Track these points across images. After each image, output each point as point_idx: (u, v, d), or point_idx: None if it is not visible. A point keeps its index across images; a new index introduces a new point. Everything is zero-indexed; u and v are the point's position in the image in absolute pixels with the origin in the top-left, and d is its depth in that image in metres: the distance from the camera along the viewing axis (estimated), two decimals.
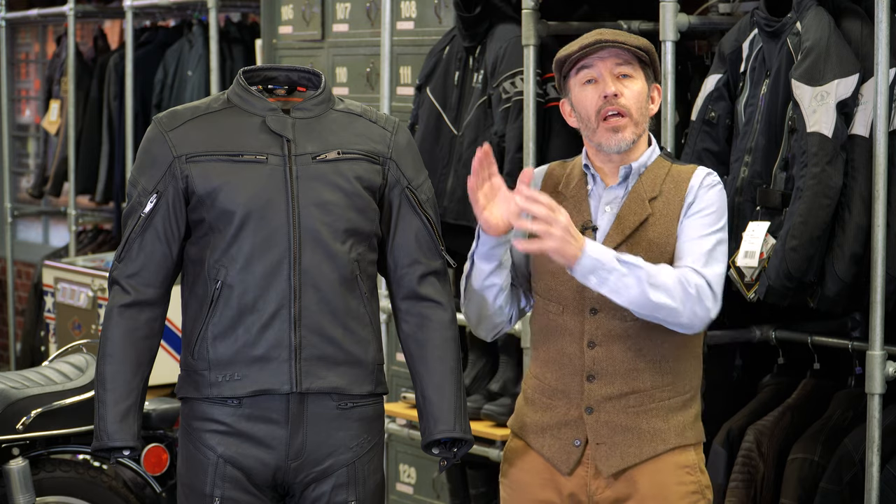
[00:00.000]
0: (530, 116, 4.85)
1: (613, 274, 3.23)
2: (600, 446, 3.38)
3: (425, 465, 5.81)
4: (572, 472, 3.40)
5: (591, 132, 3.39)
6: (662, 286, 3.25)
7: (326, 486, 3.44)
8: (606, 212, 3.41)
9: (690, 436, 3.41)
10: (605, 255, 3.23)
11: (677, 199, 3.37)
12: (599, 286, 3.25)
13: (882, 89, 3.91)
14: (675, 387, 3.39)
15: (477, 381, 5.36)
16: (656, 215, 3.36)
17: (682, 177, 3.41)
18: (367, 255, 3.44)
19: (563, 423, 3.41)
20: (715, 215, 3.36)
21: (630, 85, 3.37)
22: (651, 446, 3.37)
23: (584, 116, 3.40)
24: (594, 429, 3.38)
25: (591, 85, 3.38)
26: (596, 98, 3.36)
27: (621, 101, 3.35)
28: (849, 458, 4.11)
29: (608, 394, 3.37)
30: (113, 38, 8.80)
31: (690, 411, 3.42)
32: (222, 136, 3.40)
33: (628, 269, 3.24)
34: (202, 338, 3.39)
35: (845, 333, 4.41)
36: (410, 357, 3.51)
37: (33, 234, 10.20)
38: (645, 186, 3.39)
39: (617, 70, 3.37)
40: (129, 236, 3.41)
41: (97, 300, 6.62)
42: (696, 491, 3.41)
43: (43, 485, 4.60)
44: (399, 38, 5.73)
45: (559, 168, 3.53)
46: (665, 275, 3.26)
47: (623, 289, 3.24)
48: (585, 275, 3.24)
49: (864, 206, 3.96)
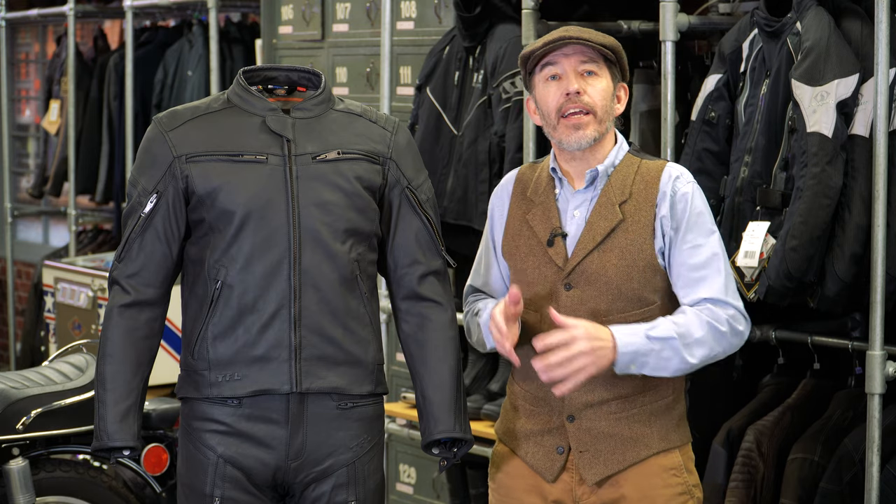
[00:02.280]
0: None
1: (650, 356, 3.23)
2: (583, 454, 3.36)
3: (425, 465, 5.81)
4: (556, 479, 3.38)
5: (551, 129, 3.35)
6: (697, 343, 3.24)
7: (326, 486, 3.44)
8: (575, 216, 3.37)
9: (675, 438, 3.39)
10: (638, 342, 3.21)
11: (648, 205, 3.33)
12: (641, 370, 3.25)
13: (882, 89, 3.91)
14: (656, 391, 3.37)
15: (477, 381, 5.36)
16: (627, 220, 3.32)
17: (652, 176, 3.35)
18: (367, 255, 3.44)
19: (546, 430, 3.39)
20: (704, 225, 3.32)
21: (594, 83, 3.33)
22: (634, 452, 3.35)
23: (545, 113, 3.35)
24: (576, 436, 3.36)
25: (555, 81, 3.34)
26: (558, 95, 3.32)
27: (584, 98, 3.30)
28: (849, 458, 4.11)
29: (589, 401, 3.35)
30: (113, 38, 8.80)
31: (674, 413, 3.40)
32: (222, 136, 3.40)
33: (661, 344, 3.22)
34: (202, 338, 3.39)
35: (845, 333, 4.41)
36: (410, 357, 3.51)
37: (33, 234, 10.19)
38: (614, 189, 3.34)
39: (581, 67, 3.33)
40: (129, 236, 3.41)
41: (97, 300, 6.62)
42: (684, 492, 3.39)
43: (43, 485, 4.60)
44: (399, 38, 5.73)
45: (528, 171, 3.49)
46: (695, 327, 3.24)
47: (664, 364, 3.24)
48: (625, 368, 3.24)
49: (864, 206, 3.96)
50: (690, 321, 3.24)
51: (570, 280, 3.33)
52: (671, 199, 3.32)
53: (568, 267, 3.34)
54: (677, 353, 3.22)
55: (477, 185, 5.11)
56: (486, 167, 5.09)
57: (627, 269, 3.29)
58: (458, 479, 5.52)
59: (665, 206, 3.32)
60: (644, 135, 4.82)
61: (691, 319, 3.24)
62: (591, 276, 3.31)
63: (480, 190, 5.10)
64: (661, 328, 3.23)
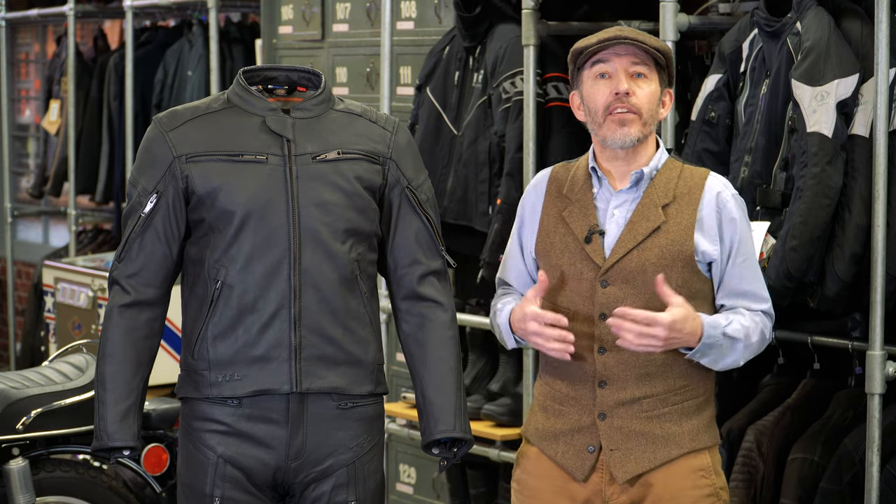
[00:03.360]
0: (530, 116, 4.85)
1: (714, 350, 3.32)
2: (614, 452, 3.36)
3: (425, 465, 5.81)
4: (587, 478, 3.38)
5: (597, 126, 3.36)
6: (750, 347, 3.36)
7: (326, 486, 3.44)
8: (615, 216, 3.38)
9: (705, 439, 3.40)
10: (715, 336, 3.30)
11: (690, 209, 3.36)
12: (697, 358, 3.33)
13: (882, 89, 3.91)
14: (687, 390, 3.38)
15: (477, 381, 5.36)
16: (669, 223, 3.35)
17: (695, 182, 3.39)
18: (367, 255, 3.44)
19: (576, 429, 3.40)
20: (748, 239, 3.41)
21: (643, 85, 3.34)
22: (665, 451, 3.36)
23: (592, 110, 3.37)
24: (608, 435, 3.36)
25: (604, 80, 3.35)
26: (607, 93, 3.34)
27: (632, 99, 3.32)
28: (849, 458, 4.11)
29: (620, 399, 3.36)
30: (113, 38, 8.80)
31: (705, 414, 3.41)
32: (222, 136, 3.40)
33: (730, 343, 3.32)
34: (202, 338, 3.39)
35: (845, 333, 4.41)
36: (410, 357, 3.51)
37: (33, 234, 10.19)
38: (658, 191, 3.37)
39: (632, 69, 3.34)
40: (129, 236, 3.41)
41: (97, 300, 6.62)
42: (712, 493, 3.39)
43: (43, 485, 4.60)
44: (399, 38, 5.73)
45: (563, 170, 3.50)
46: (754, 333, 3.35)
47: (720, 359, 3.34)
48: (695, 355, 3.32)
49: (864, 206, 3.96)
50: (751, 327, 3.35)
51: (607, 277, 3.34)
52: (718, 217, 3.37)
53: (606, 264, 3.34)
54: (736, 353, 3.33)
55: (477, 185, 5.11)
56: (486, 167, 5.09)
57: (666, 269, 3.31)
58: (458, 479, 5.52)
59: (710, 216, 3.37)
60: None
61: (751, 325, 3.35)
62: (629, 274, 3.33)
63: (480, 190, 5.10)
64: (733, 327, 3.32)
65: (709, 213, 3.36)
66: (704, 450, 3.40)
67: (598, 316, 3.35)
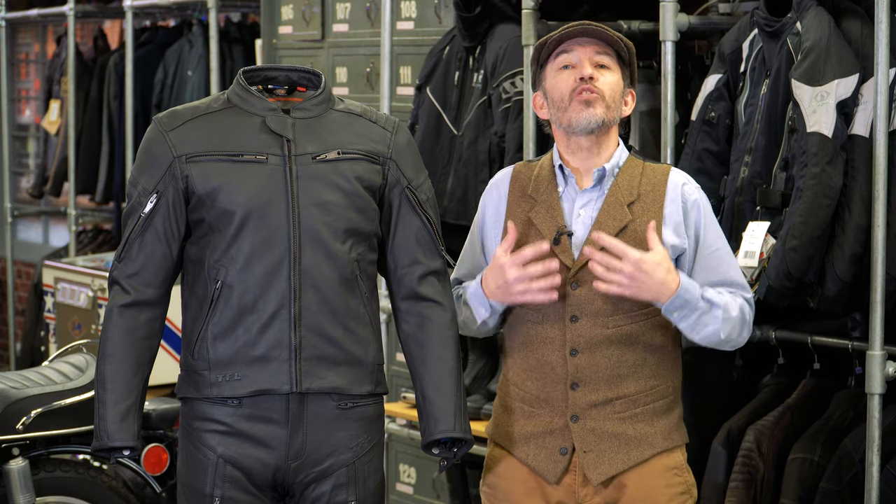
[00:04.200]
0: (530, 116, 4.85)
1: (695, 313, 3.29)
2: (588, 454, 3.36)
3: (425, 465, 5.81)
4: (560, 480, 3.38)
5: (561, 112, 3.36)
6: (730, 321, 3.33)
7: (326, 486, 3.44)
8: (581, 215, 3.38)
9: (676, 437, 3.42)
10: (694, 293, 3.28)
11: (656, 206, 3.36)
12: (680, 322, 3.30)
13: (882, 89, 3.91)
14: (658, 390, 3.39)
15: (477, 381, 5.36)
16: (636, 221, 3.35)
17: (658, 179, 3.39)
18: (367, 255, 3.44)
19: (548, 431, 3.39)
20: (716, 228, 3.41)
21: (607, 74, 3.35)
22: (639, 451, 3.36)
23: (556, 99, 3.36)
24: (581, 437, 3.36)
25: (568, 70, 3.36)
26: (571, 80, 3.34)
27: (596, 83, 3.33)
28: (849, 458, 4.11)
29: (593, 401, 3.36)
30: (113, 38, 8.80)
31: (675, 413, 3.42)
32: (222, 136, 3.40)
33: (709, 307, 3.30)
34: (202, 338, 3.39)
35: (845, 333, 4.41)
36: (410, 357, 3.51)
37: (33, 234, 10.19)
38: (622, 189, 3.37)
39: (596, 58, 3.35)
40: (129, 236, 3.41)
41: (97, 300, 6.62)
42: (685, 491, 3.42)
43: (43, 485, 4.60)
44: (399, 38, 5.73)
45: (525, 169, 3.50)
46: (732, 307, 3.33)
47: (701, 327, 3.32)
48: (669, 312, 3.29)
49: (864, 206, 3.96)
50: (731, 302, 3.34)
51: (577, 278, 3.34)
52: (683, 206, 3.37)
53: (576, 266, 3.34)
54: (716, 321, 3.32)
55: (477, 185, 5.11)
56: (486, 167, 5.09)
57: None
58: (458, 479, 5.52)
59: (675, 211, 3.35)
60: (644, 135, 4.82)
61: (731, 300, 3.35)
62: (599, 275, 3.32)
63: (480, 190, 5.09)
64: (711, 293, 3.32)
65: (674, 208, 3.37)
66: (676, 448, 3.42)
67: (569, 318, 3.35)
